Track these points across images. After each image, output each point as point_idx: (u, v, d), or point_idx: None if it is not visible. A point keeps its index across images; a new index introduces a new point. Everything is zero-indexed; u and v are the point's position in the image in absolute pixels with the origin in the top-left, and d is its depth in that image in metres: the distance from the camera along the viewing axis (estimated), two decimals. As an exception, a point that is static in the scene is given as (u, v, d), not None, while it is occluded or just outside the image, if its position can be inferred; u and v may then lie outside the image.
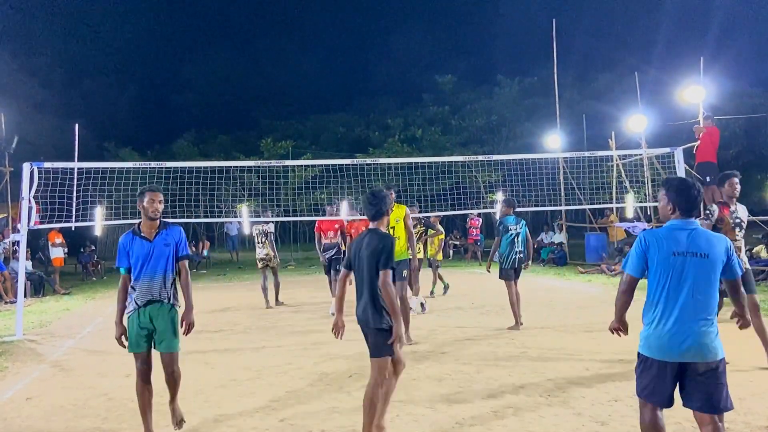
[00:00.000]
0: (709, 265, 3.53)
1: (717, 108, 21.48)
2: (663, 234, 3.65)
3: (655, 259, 3.61)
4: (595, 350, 7.42)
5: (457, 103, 40.73)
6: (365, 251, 4.50)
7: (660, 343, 3.55)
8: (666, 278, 3.56)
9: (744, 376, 5.98)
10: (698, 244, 3.55)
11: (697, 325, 3.47)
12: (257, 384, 6.40)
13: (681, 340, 3.47)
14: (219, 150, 38.55)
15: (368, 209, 4.69)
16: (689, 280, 3.51)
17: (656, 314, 3.61)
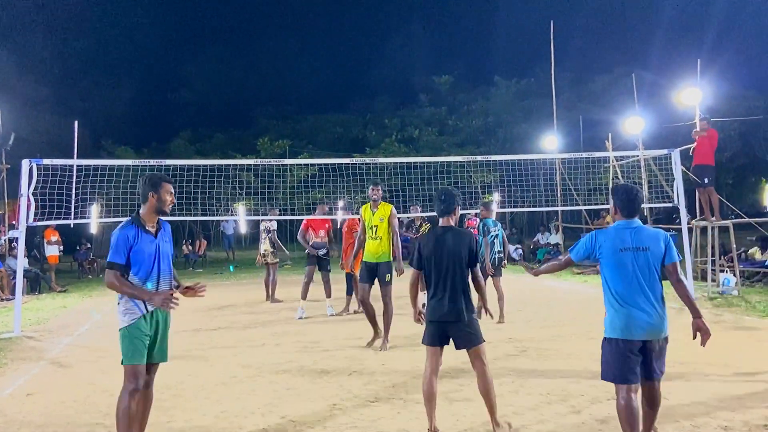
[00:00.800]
0: (651, 256, 4.11)
1: (713, 110, 21.56)
2: (611, 233, 4.23)
3: (605, 254, 4.22)
4: (593, 350, 7.40)
5: (454, 103, 40.78)
6: (449, 248, 4.66)
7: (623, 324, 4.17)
8: (616, 270, 4.17)
9: (743, 377, 6.04)
10: (641, 239, 4.14)
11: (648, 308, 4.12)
12: (258, 382, 6.41)
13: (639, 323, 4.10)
14: (216, 149, 38.53)
15: (438, 205, 4.86)
16: (636, 270, 4.11)
17: (613, 301, 4.24)
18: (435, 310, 4.68)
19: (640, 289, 4.11)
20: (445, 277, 4.66)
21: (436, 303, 4.68)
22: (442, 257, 4.67)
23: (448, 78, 42.74)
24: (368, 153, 33.81)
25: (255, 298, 13.46)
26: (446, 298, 4.64)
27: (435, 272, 4.70)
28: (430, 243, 4.76)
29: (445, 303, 4.63)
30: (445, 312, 4.63)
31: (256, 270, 21.49)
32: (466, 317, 4.64)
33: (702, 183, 12.66)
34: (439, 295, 4.67)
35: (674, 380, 5.84)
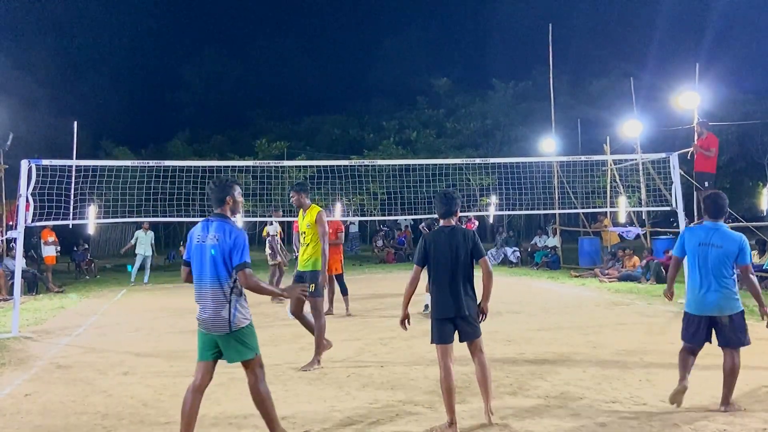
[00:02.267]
0: (723, 254, 5.15)
1: (711, 114, 21.61)
2: (697, 230, 5.37)
3: (690, 247, 5.30)
4: (591, 353, 7.48)
5: (452, 106, 40.84)
6: (454, 245, 4.87)
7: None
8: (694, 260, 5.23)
9: (741, 381, 6.05)
10: (718, 238, 5.19)
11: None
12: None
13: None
14: (213, 150, 38.54)
15: (440, 207, 5.06)
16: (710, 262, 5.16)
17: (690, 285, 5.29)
18: (444, 307, 4.89)
19: (712, 277, 5.13)
20: (451, 273, 4.86)
21: (444, 300, 4.87)
22: (447, 254, 4.87)
23: (446, 80, 42.81)
24: (366, 155, 33.84)
25: (253, 299, 13.46)
26: (447, 294, 4.86)
27: (441, 269, 4.89)
28: (436, 241, 4.94)
29: (452, 299, 4.85)
30: (453, 308, 4.85)
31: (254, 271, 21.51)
32: (468, 310, 4.89)
33: (703, 187, 12.74)
34: (439, 291, 4.89)
35: (672, 384, 5.86)
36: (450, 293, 4.86)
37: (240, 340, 4.46)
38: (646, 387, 5.86)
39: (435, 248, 4.93)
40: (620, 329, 9.10)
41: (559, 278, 17.21)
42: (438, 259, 4.90)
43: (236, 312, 4.42)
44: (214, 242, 4.40)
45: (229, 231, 4.43)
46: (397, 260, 24.68)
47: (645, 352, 7.40)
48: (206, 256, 4.43)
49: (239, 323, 4.41)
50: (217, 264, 4.39)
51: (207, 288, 4.45)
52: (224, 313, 4.39)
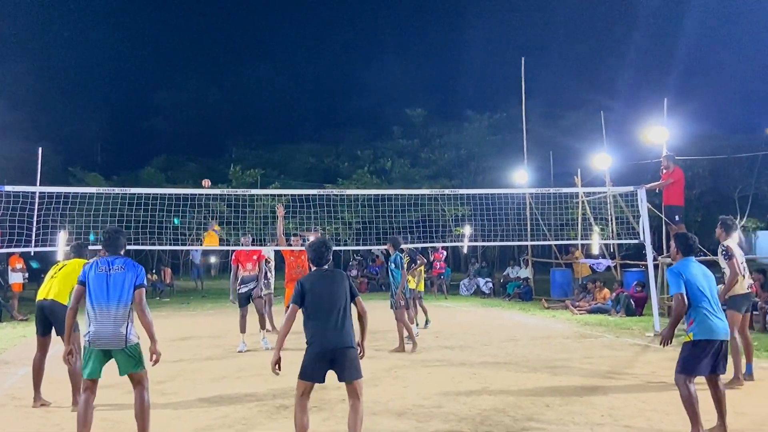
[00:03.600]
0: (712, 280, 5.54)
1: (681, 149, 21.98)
2: (688, 265, 5.50)
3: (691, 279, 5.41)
4: (556, 386, 7.44)
5: (427, 136, 41.15)
6: (331, 286, 5.00)
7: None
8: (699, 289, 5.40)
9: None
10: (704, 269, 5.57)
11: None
12: (213, 415, 6.27)
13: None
14: (187, 177, 38.27)
15: (314, 256, 5.22)
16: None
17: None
18: (323, 343, 4.90)
19: (717, 303, 5.42)
20: (326, 312, 4.91)
21: (322, 335, 4.90)
22: (326, 294, 4.97)
23: (422, 111, 43.18)
24: (340, 184, 33.85)
25: (221, 329, 13.26)
26: (329, 332, 4.89)
27: (320, 308, 4.94)
28: (307, 285, 5.02)
29: (329, 335, 4.88)
30: (329, 343, 4.88)
31: (223, 300, 21.22)
32: (349, 345, 4.92)
33: (673, 221, 12.91)
34: (322, 330, 4.91)
35: (634, 418, 5.85)
36: (326, 331, 4.88)
37: (133, 354, 5.23)
38: (608, 422, 5.82)
39: (312, 289, 4.98)
40: (587, 363, 9.09)
41: (530, 309, 17.25)
42: (316, 298, 4.95)
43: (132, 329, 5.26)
44: (119, 271, 5.25)
45: (132, 263, 5.35)
46: (370, 290, 24.58)
47: (609, 386, 7.39)
48: (111, 282, 5.20)
49: (133, 339, 5.24)
50: (123, 288, 5.20)
51: (111, 309, 5.16)
52: (122, 330, 5.14)
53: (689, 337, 5.30)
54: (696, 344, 5.25)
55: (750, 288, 7.91)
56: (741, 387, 7.12)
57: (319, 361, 4.87)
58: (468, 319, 15.54)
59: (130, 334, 5.18)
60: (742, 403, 6.38)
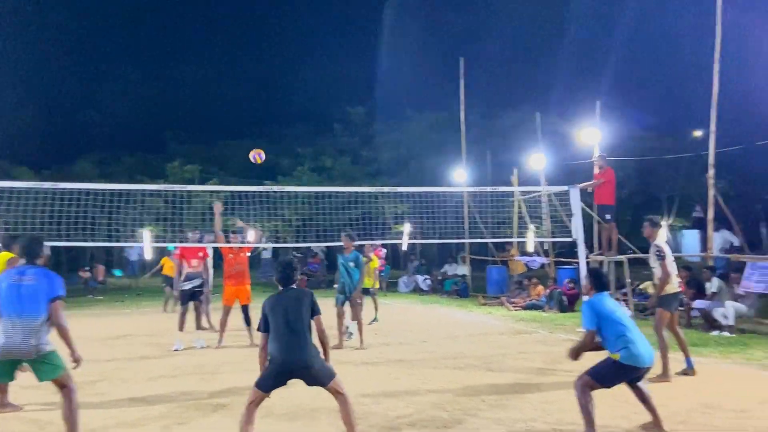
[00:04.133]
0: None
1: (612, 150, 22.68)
2: (602, 300, 5.52)
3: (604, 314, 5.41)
4: (492, 382, 7.60)
5: (368, 134, 41.19)
6: (291, 306, 5.08)
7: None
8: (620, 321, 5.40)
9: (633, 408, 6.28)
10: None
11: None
12: (148, 415, 6.14)
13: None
14: (123, 172, 37.16)
15: (279, 275, 5.31)
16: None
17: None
18: (285, 361, 4.97)
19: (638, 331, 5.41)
20: (289, 330, 4.99)
21: (283, 354, 4.97)
22: (288, 313, 5.04)
23: (362, 109, 43.18)
24: (281, 181, 33.53)
25: (157, 328, 12.97)
26: (292, 348, 4.96)
27: (282, 327, 5.01)
28: (276, 303, 5.14)
29: (291, 352, 4.96)
30: (292, 359, 4.95)
31: (159, 298, 20.73)
32: (313, 359, 4.99)
33: (604, 220, 13.33)
34: (284, 347, 4.97)
35: (566, 412, 6.04)
36: (288, 348, 4.96)
37: (49, 361, 5.07)
38: (541, 416, 5.99)
39: (273, 310, 5.09)
40: (522, 358, 9.30)
41: (467, 306, 17.52)
42: (276, 318, 5.04)
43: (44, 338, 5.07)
44: (31, 282, 5.06)
45: (45, 273, 5.17)
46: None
47: (543, 381, 7.59)
48: (24, 293, 5.02)
49: (45, 348, 5.04)
50: (37, 301, 5.02)
51: (21, 322, 4.96)
52: (32, 341, 4.95)
53: (616, 357, 5.22)
54: (621, 367, 5.21)
55: (679, 286, 8.26)
56: (669, 382, 7.43)
57: (278, 376, 4.97)
58: (407, 316, 15.67)
59: (41, 343, 4.99)
60: (666, 394, 6.66)
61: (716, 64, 13.19)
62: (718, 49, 13.22)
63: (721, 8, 13.02)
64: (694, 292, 12.46)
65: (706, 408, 6.20)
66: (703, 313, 11.85)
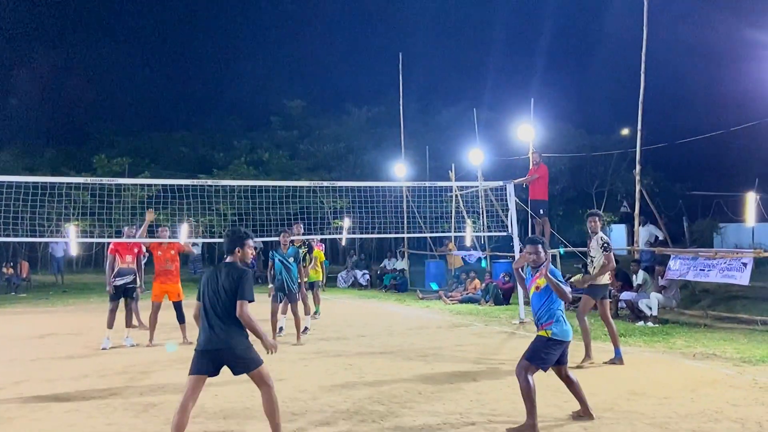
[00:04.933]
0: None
1: (545, 146, 23.26)
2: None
3: None
4: (429, 374, 7.65)
5: (306, 128, 40.87)
6: (220, 282, 4.80)
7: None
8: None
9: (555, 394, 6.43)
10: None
11: None
12: (75, 416, 5.90)
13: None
14: (46, 164, 35.67)
15: (225, 244, 5.06)
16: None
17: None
18: (206, 340, 4.79)
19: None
20: (214, 308, 4.79)
21: (206, 333, 4.80)
22: (215, 289, 4.82)
23: (300, 102, 42.82)
24: (216, 175, 32.90)
25: (83, 326, 12.52)
26: (216, 330, 4.76)
27: (207, 303, 4.84)
28: (210, 277, 4.95)
29: (215, 334, 4.76)
30: (214, 342, 4.76)
31: (86, 295, 20.05)
32: (238, 345, 4.78)
33: (538, 214, 13.63)
34: (210, 327, 4.79)
35: (500, 402, 6.13)
36: (213, 329, 4.77)
37: None
38: (476, 407, 6.06)
39: (207, 283, 4.90)
40: (458, 350, 9.42)
41: (405, 300, 17.63)
42: (207, 293, 4.86)
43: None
44: None
45: None
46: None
47: (478, 372, 7.70)
48: None
49: None
50: None
51: None
52: None
53: (547, 334, 5.43)
54: (552, 342, 5.45)
55: (609, 278, 8.54)
56: (592, 364, 7.82)
57: (202, 358, 4.80)
58: (345, 310, 15.64)
59: None
60: (594, 383, 6.85)
61: (643, 64, 13.63)
62: (644, 49, 13.66)
63: (647, 9, 13.45)
64: (622, 284, 12.89)
65: (632, 395, 6.43)
66: (629, 304, 12.27)
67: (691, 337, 10.08)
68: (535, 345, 5.49)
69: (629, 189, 30.85)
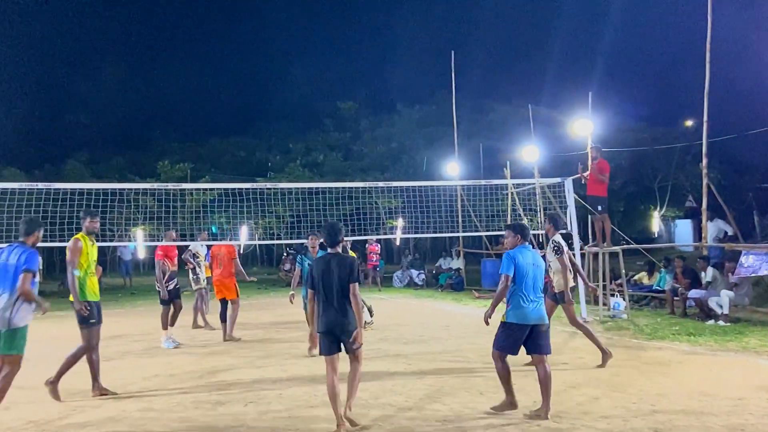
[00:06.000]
0: (540, 269, 6.02)
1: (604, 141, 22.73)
2: (520, 252, 5.99)
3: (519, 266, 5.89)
4: (489, 374, 7.57)
5: (359, 129, 41.13)
6: (334, 269, 5.53)
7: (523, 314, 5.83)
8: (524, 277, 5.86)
9: (629, 396, 6.29)
10: (536, 257, 6.03)
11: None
12: (149, 415, 6.10)
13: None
14: (113, 171, 36.98)
15: (329, 238, 5.73)
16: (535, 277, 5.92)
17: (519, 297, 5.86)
18: (327, 323, 5.51)
19: (536, 291, 5.92)
20: (333, 293, 5.50)
21: (327, 317, 5.52)
22: (329, 277, 5.52)
23: (352, 104, 43.11)
24: (272, 177, 33.43)
25: (151, 327, 12.90)
26: (331, 313, 5.50)
27: (325, 290, 5.53)
28: (320, 266, 5.62)
29: (331, 316, 5.49)
30: (331, 322, 5.49)
31: (153, 297, 20.64)
32: (349, 327, 5.49)
33: (596, 211, 13.31)
34: (326, 309, 5.54)
35: (573, 404, 6.04)
36: (329, 311, 5.50)
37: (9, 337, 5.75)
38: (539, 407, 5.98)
39: (321, 274, 5.57)
40: (519, 349, 9.30)
41: (462, 300, 17.54)
42: (323, 281, 5.54)
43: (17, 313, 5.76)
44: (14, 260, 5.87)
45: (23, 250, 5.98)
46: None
47: (541, 371, 7.59)
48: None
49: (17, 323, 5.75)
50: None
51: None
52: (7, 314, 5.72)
53: (503, 319, 5.90)
54: (508, 326, 5.85)
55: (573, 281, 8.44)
56: (611, 356, 7.81)
57: (326, 338, 5.54)
58: (402, 310, 15.66)
59: (14, 317, 5.74)
60: (662, 383, 6.67)
61: (708, 53, 13.20)
62: (709, 38, 13.23)
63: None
64: (689, 282, 12.51)
65: (704, 396, 6.23)
66: (698, 303, 11.89)
67: (766, 336, 9.69)
68: (498, 332, 5.98)
69: (695, 183, 29.95)
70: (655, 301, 14.00)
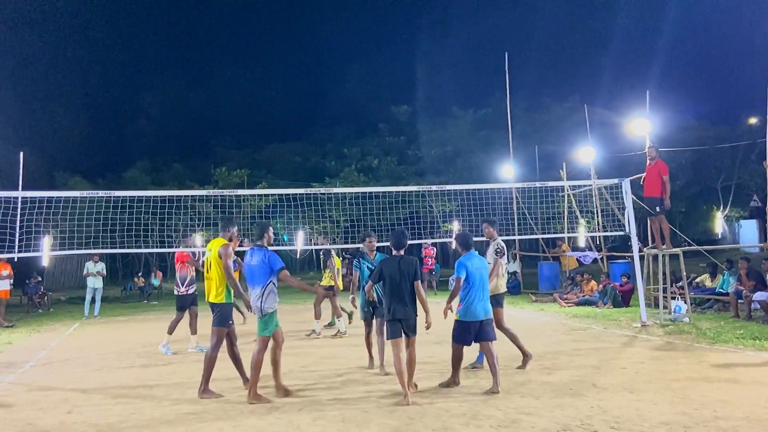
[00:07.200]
0: (486, 272, 7.37)
1: (664, 140, 22.17)
2: (469, 258, 7.24)
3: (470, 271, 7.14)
4: (546, 380, 7.48)
5: (413, 133, 41.19)
6: (403, 268, 6.78)
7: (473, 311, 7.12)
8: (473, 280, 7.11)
9: (690, 403, 6.10)
10: (482, 263, 7.40)
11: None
12: (204, 418, 6.25)
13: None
14: (173, 179, 38.10)
15: (394, 241, 7.07)
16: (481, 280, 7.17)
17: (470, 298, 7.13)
18: (395, 312, 6.70)
19: (483, 291, 7.21)
20: (399, 289, 6.72)
21: (395, 307, 6.71)
22: (397, 274, 6.74)
23: (407, 108, 43.20)
24: (328, 182, 33.79)
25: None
26: (400, 304, 6.69)
27: (393, 285, 6.73)
28: (386, 266, 6.85)
29: (400, 306, 6.70)
30: (398, 312, 6.69)
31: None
32: (412, 315, 6.75)
33: (653, 212, 12.94)
34: (395, 302, 6.71)
35: (623, 409, 5.90)
36: (398, 303, 6.70)
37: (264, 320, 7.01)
38: (597, 414, 5.86)
39: (390, 273, 6.76)
40: (575, 355, 9.15)
41: (519, 303, 17.32)
42: (391, 277, 6.74)
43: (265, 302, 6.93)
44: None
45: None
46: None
47: (598, 378, 7.44)
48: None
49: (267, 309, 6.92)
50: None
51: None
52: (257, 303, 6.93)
53: (457, 317, 7.15)
54: (461, 323, 7.14)
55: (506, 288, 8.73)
56: (531, 358, 8.26)
57: (394, 325, 6.70)
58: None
59: (264, 305, 6.83)
60: (729, 389, 6.43)
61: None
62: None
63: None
64: (754, 283, 12.06)
65: (772, 404, 5.98)
66: (763, 306, 11.45)
67: (837, 340, 9.25)
68: (454, 328, 7.23)
69: (759, 182, 28.80)
70: (718, 304, 13.54)
